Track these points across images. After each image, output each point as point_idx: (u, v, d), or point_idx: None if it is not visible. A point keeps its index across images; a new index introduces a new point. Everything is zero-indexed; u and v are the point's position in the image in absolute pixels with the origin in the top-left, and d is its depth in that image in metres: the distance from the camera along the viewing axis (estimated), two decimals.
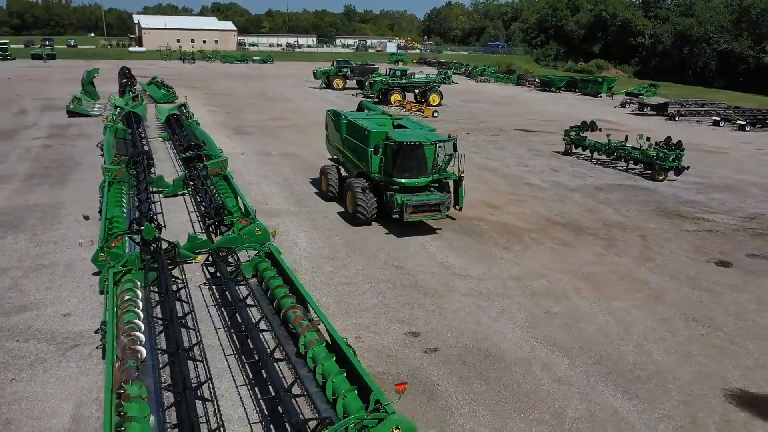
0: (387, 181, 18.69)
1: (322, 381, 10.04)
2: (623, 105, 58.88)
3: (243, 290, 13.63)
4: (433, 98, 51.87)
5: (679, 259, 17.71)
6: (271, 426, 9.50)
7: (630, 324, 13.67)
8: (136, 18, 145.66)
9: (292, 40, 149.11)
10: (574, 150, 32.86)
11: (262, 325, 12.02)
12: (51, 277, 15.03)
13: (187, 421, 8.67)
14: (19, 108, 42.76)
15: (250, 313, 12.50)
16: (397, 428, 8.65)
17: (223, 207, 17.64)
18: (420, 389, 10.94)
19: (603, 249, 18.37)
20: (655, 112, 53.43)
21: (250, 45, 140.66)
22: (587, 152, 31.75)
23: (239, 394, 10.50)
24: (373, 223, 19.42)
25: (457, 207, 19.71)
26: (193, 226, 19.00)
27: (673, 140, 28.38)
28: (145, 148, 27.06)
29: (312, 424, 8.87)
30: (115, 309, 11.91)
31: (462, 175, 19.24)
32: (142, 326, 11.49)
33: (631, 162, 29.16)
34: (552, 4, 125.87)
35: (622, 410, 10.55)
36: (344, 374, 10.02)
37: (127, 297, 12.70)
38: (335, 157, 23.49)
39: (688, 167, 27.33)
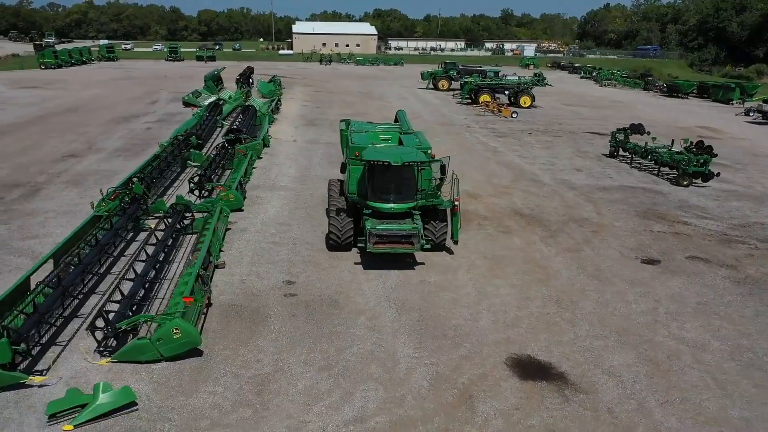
0: (362, 204, 16.63)
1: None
2: (747, 113, 53.61)
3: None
4: (524, 100, 51.98)
5: (608, 254, 17.88)
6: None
7: (488, 297, 14.81)
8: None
9: (435, 44, 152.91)
10: (622, 153, 32.00)
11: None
12: (70, 220, 19.73)
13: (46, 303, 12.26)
14: (154, 99, 51.17)
15: (162, 252, 15.89)
16: (176, 329, 11.45)
17: (207, 177, 21.36)
18: (253, 317, 13.51)
19: (539, 238, 19.05)
20: None
21: (395, 49, 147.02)
22: (636, 155, 30.80)
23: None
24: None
25: (453, 240, 17.32)
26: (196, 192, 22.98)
27: (706, 145, 26.84)
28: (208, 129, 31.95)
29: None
30: (70, 239, 16.07)
31: (456, 203, 16.83)
32: (87, 251, 15.46)
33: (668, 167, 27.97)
34: (716, 4, 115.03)
35: (400, 354, 12.18)
36: (184, 294, 12.96)
37: (93, 232, 16.87)
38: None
39: (718, 174, 25.79)
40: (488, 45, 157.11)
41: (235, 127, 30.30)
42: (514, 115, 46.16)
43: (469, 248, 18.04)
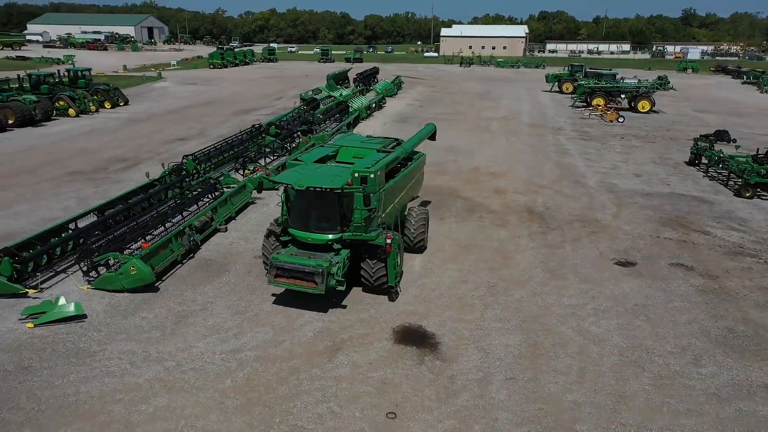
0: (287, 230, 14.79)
1: None
2: None
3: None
4: (643, 104, 49.09)
5: (585, 253, 17.73)
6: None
7: (428, 276, 15.89)
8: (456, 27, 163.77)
9: (594, 46, 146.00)
10: (704, 161, 29.69)
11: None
12: (129, 185, 23.96)
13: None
14: (281, 95, 56.84)
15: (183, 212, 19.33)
16: (133, 267, 14.43)
17: (251, 159, 24.62)
18: (216, 270, 16.17)
19: (528, 234, 19.31)
20: None
21: (549, 51, 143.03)
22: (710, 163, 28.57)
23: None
24: None
25: (388, 284, 14.34)
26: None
27: None
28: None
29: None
30: (116, 198, 20.06)
31: (388, 241, 13.94)
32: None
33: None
34: None
35: (309, 311, 13.94)
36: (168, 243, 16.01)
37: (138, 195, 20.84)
38: None
39: None
40: (660, 48, 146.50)
41: (310, 119, 33.50)
42: (621, 120, 44.01)
43: (450, 236, 18.99)
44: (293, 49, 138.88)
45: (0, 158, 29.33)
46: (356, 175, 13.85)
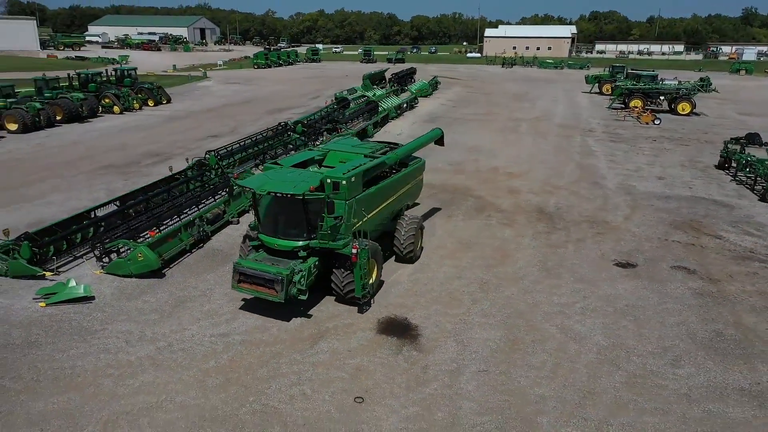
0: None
1: None
2: None
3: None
4: (683, 107, 47.80)
5: (587, 253, 17.68)
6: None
7: (423, 272, 16.22)
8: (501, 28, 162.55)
9: (644, 47, 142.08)
10: (733, 164, 28.83)
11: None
12: (155, 179, 25.10)
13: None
14: (317, 94, 57.90)
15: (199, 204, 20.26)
16: (140, 254, 15.34)
17: (271, 156, 25.43)
18: (222, 259, 16.94)
19: (533, 233, 19.36)
20: None
21: (597, 52, 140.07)
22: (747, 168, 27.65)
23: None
24: None
25: (355, 298, 13.84)
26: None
27: None
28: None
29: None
30: (138, 189, 21.16)
31: (354, 251, 13.29)
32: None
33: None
34: None
35: (299, 306, 14.48)
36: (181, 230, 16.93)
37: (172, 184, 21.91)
38: None
39: None
40: (714, 48, 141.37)
41: (338, 118, 34.22)
42: (657, 122, 42.99)
43: (453, 234, 19.24)
44: (338, 50, 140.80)
45: (45, 151, 31.20)
46: (328, 181, 13.39)
